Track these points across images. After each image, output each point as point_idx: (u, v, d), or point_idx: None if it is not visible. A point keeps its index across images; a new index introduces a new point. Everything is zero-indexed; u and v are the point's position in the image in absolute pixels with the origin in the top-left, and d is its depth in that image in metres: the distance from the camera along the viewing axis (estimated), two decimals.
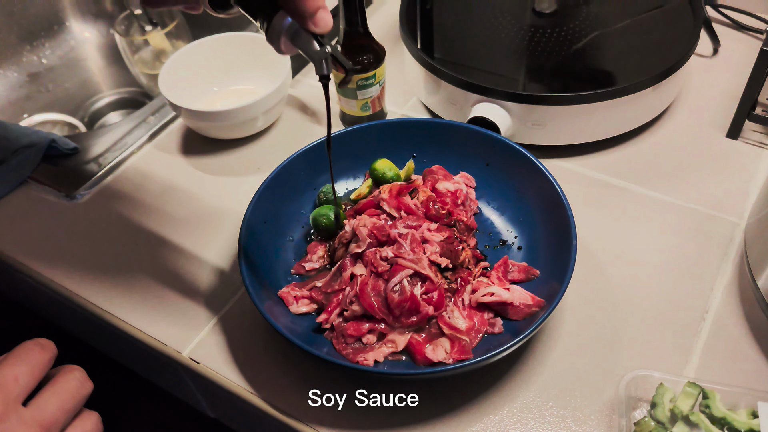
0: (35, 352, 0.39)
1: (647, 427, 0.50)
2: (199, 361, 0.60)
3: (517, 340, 0.52)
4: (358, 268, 0.59)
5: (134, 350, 0.66)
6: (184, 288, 0.66)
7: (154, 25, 1.00)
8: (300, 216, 0.67)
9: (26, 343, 0.40)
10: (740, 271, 0.63)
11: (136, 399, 0.99)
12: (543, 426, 0.54)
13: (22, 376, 0.38)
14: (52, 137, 0.77)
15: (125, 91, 1.10)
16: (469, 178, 0.68)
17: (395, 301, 0.56)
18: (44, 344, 0.40)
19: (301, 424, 0.55)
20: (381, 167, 0.68)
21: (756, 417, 0.50)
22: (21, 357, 0.38)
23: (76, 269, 0.68)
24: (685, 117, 0.79)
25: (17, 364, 0.38)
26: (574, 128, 0.73)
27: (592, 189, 0.72)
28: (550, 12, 0.81)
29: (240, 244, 0.59)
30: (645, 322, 0.60)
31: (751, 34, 0.89)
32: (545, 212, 0.62)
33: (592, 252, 0.65)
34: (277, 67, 0.79)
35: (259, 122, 0.78)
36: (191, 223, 0.72)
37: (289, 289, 0.60)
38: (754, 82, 0.71)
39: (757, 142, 0.75)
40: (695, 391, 0.51)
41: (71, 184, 0.76)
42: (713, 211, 0.68)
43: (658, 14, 0.81)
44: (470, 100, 0.73)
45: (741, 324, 0.59)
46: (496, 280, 0.59)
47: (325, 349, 0.56)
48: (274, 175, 0.65)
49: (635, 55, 0.76)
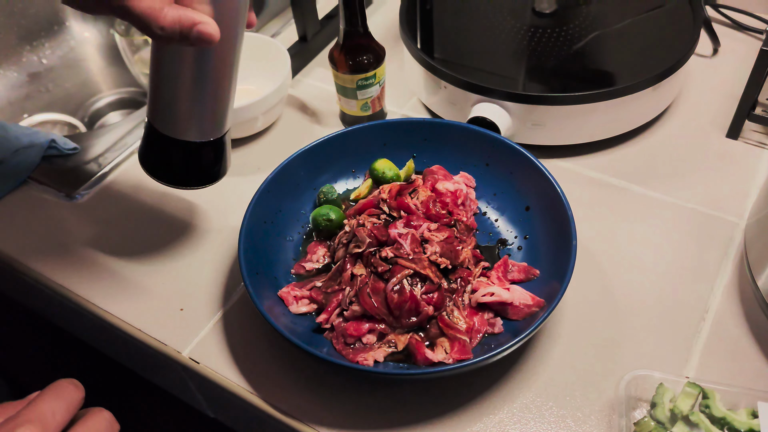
0: (70, 390, 0.39)
1: (647, 427, 0.50)
2: (199, 361, 0.60)
3: (517, 340, 0.52)
4: (358, 268, 0.59)
5: (134, 350, 0.66)
6: (184, 288, 0.66)
7: None
8: (300, 216, 0.67)
9: (61, 381, 0.40)
10: (740, 271, 0.63)
11: (136, 399, 0.99)
12: (543, 426, 0.54)
13: (59, 411, 0.38)
14: (52, 137, 0.77)
15: (125, 91, 1.10)
16: (469, 178, 0.68)
17: (395, 301, 0.56)
18: (77, 384, 0.40)
19: (301, 424, 0.55)
20: (381, 167, 0.68)
21: (756, 417, 0.50)
22: (57, 393, 0.39)
23: (76, 269, 0.68)
24: (685, 117, 0.79)
25: (54, 400, 0.38)
26: (574, 128, 0.73)
27: (592, 189, 0.72)
28: (550, 12, 0.81)
29: (240, 244, 0.59)
30: (645, 322, 0.60)
31: (751, 34, 0.89)
32: (545, 212, 0.62)
33: (592, 252, 0.65)
34: (277, 67, 0.79)
35: (259, 122, 0.78)
36: (191, 223, 0.72)
37: (289, 289, 0.60)
38: (754, 82, 0.71)
39: (757, 142, 0.75)
40: (695, 391, 0.51)
41: (71, 184, 0.76)
42: (713, 211, 0.68)
43: (658, 14, 0.81)
44: (470, 100, 0.73)
45: (741, 324, 0.59)
46: (496, 280, 0.59)
47: (325, 349, 0.56)
48: (274, 175, 0.65)
49: (635, 55, 0.76)
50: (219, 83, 0.52)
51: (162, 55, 0.50)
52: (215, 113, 0.54)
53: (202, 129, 0.54)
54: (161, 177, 0.57)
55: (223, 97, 0.54)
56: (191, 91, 0.52)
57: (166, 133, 0.54)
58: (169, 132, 0.54)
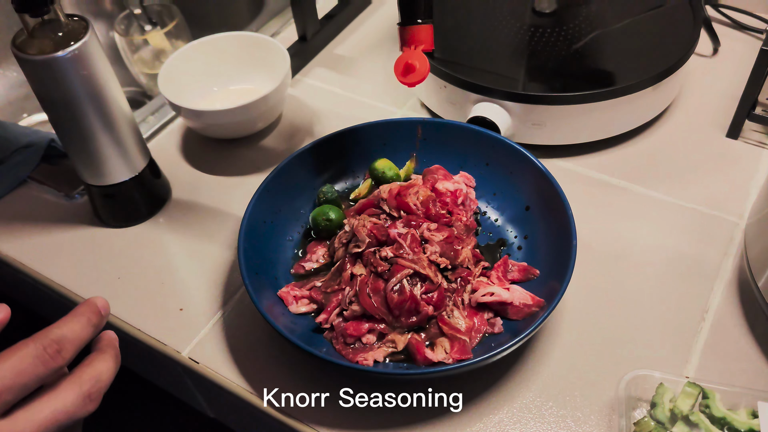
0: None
1: (647, 427, 0.50)
2: (199, 360, 0.60)
3: (517, 340, 0.51)
4: (357, 268, 0.59)
5: (134, 350, 0.66)
6: (184, 288, 0.66)
7: (154, 25, 1.00)
8: (300, 216, 0.67)
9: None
10: (740, 271, 0.63)
11: (136, 399, 0.99)
12: (543, 426, 0.54)
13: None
14: (51, 137, 0.77)
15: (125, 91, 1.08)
16: (469, 178, 0.68)
17: (395, 301, 0.56)
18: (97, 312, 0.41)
19: (301, 424, 0.55)
20: (381, 167, 0.68)
21: (756, 417, 0.50)
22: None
23: (76, 269, 0.68)
24: (685, 117, 0.79)
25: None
26: (574, 128, 0.73)
27: (592, 189, 0.72)
28: (550, 12, 0.81)
29: (240, 244, 0.59)
30: (645, 322, 0.60)
31: (751, 33, 0.89)
32: (545, 212, 0.62)
33: (592, 252, 0.65)
34: (277, 67, 0.79)
35: (259, 122, 0.78)
36: (191, 223, 0.72)
37: (289, 289, 0.60)
38: (754, 81, 0.71)
39: (757, 142, 0.75)
40: (695, 391, 0.51)
41: (71, 184, 0.76)
42: (713, 211, 0.68)
43: (658, 14, 0.81)
44: (470, 99, 0.73)
45: (741, 324, 0.59)
46: (495, 279, 0.59)
47: (324, 349, 0.56)
48: (274, 175, 0.65)
49: (635, 55, 0.76)
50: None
51: None
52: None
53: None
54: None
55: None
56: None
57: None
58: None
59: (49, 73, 0.57)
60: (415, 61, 0.56)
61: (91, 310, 0.40)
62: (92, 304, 0.41)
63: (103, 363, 0.40)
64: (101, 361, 0.40)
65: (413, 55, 0.56)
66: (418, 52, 0.57)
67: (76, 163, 0.67)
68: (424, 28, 0.57)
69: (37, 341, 0.37)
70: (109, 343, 0.42)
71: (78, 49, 0.57)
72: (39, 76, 0.58)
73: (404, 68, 0.57)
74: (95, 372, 0.39)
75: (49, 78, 0.58)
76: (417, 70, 0.56)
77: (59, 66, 0.57)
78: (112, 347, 0.42)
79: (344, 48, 0.94)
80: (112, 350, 0.41)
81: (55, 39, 0.57)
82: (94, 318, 0.40)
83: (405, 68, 0.57)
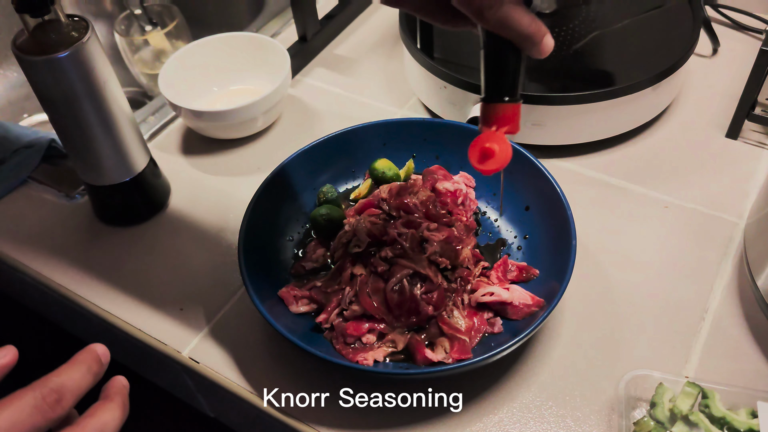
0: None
1: (647, 426, 0.50)
2: (199, 360, 0.60)
3: (517, 340, 0.52)
4: (357, 268, 0.59)
5: (134, 350, 0.66)
6: (184, 288, 0.66)
7: (154, 25, 1.01)
8: (300, 216, 0.67)
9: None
10: (740, 271, 0.63)
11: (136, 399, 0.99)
12: (543, 426, 0.54)
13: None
14: (52, 137, 0.77)
15: (125, 91, 1.09)
16: (469, 178, 0.68)
17: (395, 301, 0.56)
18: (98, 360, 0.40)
19: (301, 424, 0.55)
20: (381, 167, 0.68)
21: (755, 417, 0.50)
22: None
23: (76, 269, 0.68)
24: (684, 117, 0.79)
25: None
26: (574, 128, 0.73)
27: (592, 189, 0.72)
28: (550, 12, 0.81)
29: (240, 244, 0.59)
30: (645, 322, 0.60)
31: (750, 34, 0.89)
32: (545, 212, 0.62)
33: (592, 252, 0.65)
34: (277, 67, 0.79)
35: (259, 122, 0.78)
36: (191, 223, 0.72)
37: (289, 289, 0.60)
38: (753, 82, 0.71)
39: (756, 142, 0.75)
40: (695, 390, 0.51)
41: (71, 184, 0.76)
42: (713, 211, 0.68)
43: (658, 14, 0.81)
44: (470, 100, 0.73)
45: (741, 324, 0.59)
46: (495, 279, 0.60)
47: (324, 349, 0.56)
48: (274, 175, 0.65)
49: (635, 55, 0.76)
50: None
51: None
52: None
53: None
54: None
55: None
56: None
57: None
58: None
59: (49, 73, 0.57)
60: (495, 145, 0.47)
61: (91, 358, 0.39)
62: (92, 352, 0.40)
63: (108, 413, 0.38)
64: (107, 411, 0.38)
65: (494, 138, 0.47)
66: (500, 134, 0.47)
67: (77, 163, 0.67)
68: (511, 107, 0.47)
69: (36, 390, 0.36)
70: (118, 390, 0.40)
71: (78, 49, 0.57)
72: (39, 77, 0.58)
73: (481, 153, 0.47)
74: (99, 423, 0.37)
75: (49, 78, 0.58)
76: (496, 155, 0.47)
77: (59, 66, 0.57)
78: (120, 395, 0.40)
79: (344, 48, 0.94)
80: (119, 398, 0.40)
81: (56, 39, 0.57)
82: (94, 366, 0.39)
83: (482, 153, 0.47)
